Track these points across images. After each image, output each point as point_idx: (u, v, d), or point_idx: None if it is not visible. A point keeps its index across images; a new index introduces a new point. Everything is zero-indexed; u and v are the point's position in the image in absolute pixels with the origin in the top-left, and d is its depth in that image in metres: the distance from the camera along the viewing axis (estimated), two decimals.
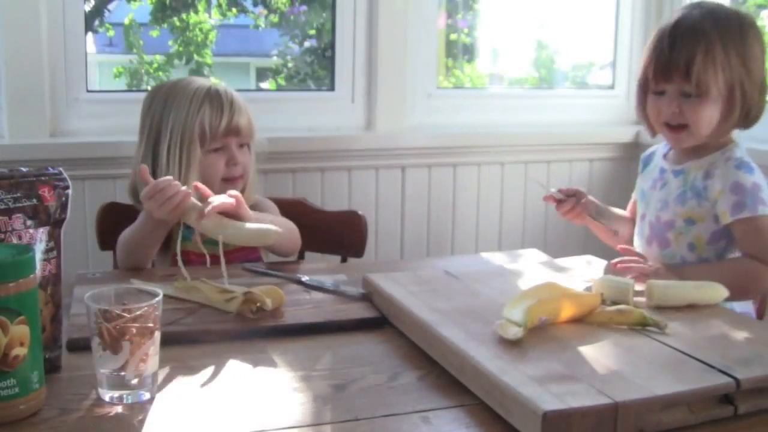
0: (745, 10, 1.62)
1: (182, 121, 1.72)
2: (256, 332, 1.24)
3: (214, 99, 1.74)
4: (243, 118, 1.76)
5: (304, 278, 1.50)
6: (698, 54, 1.49)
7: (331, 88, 2.55)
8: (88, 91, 2.26)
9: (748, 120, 1.55)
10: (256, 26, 2.93)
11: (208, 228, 1.43)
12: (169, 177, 1.51)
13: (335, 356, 1.16)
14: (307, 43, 2.88)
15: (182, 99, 1.74)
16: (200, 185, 1.54)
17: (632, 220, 1.78)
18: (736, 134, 1.63)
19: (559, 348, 1.08)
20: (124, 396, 0.99)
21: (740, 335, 1.16)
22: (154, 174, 1.73)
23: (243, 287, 1.34)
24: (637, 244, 1.70)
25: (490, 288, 1.36)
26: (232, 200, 1.50)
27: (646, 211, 1.69)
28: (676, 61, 1.51)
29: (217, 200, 1.47)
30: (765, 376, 0.99)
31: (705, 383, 0.97)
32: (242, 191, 1.77)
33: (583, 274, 1.47)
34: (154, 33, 2.86)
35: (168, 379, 1.06)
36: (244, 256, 1.78)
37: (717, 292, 1.32)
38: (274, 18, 2.91)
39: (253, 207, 1.82)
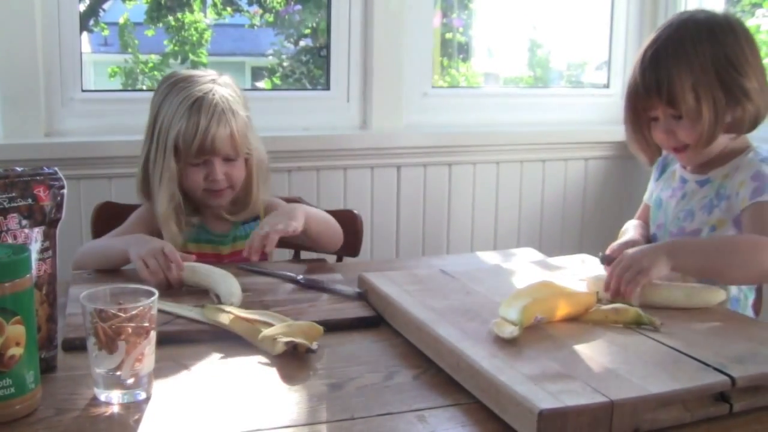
0: (721, 15, 1.58)
1: (166, 129, 1.65)
2: None
3: (193, 114, 1.63)
4: (223, 134, 1.65)
5: (300, 277, 1.50)
6: (663, 83, 1.50)
7: (327, 87, 2.55)
8: (83, 90, 2.26)
9: (756, 119, 1.53)
10: (252, 25, 2.93)
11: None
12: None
13: (331, 355, 1.16)
14: (302, 43, 2.88)
15: (173, 102, 1.66)
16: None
17: (646, 226, 1.76)
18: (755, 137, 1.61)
19: (555, 347, 1.09)
20: (120, 396, 0.99)
21: (735, 333, 1.17)
22: (148, 176, 1.71)
23: (278, 317, 1.23)
24: None
25: (485, 287, 1.36)
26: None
27: (664, 220, 1.67)
28: (649, 92, 1.53)
29: None
30: (760, 374, 0.99)
31: (700, 381, 0.97)
32: (245, 202, 1.76)
33: (578, 272, 1.47)
34: (150, 32, 2.86)
35: (164, 379, 1.05)
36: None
37: (713, 295, 1.33)
38: (270, 17, 2.91)
39: (266, 209, 1.81)
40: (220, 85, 1.70)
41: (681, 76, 1.49)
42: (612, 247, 1.59)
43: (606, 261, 1.45)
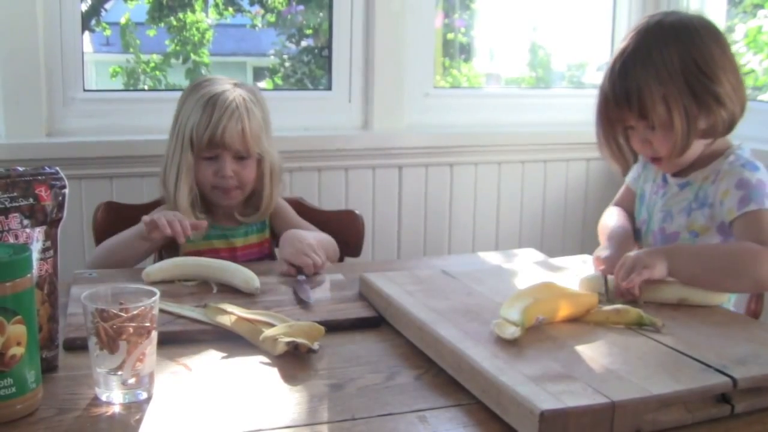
0: (688, 17, 1.54)
1: (184, 124, 1.73)
2: None
3: (208, 107, 1.70)
4: (235, 131, 1.70)
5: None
6: (633, 96, 1.48)
7: (328, 87, 2.55)
8: (84, 90, 2.26)
9: (731, 123, 1.51)
10: (253, 26, 2.93)
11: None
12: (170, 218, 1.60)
13: (332, 356, 1.16)
14: (304, 43, 2.88)
15: (192, 100, 1.73)
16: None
17: (630, 215, 1.75)
18: (740, 137, 1.60)
19: (556, 347, 1.09)
20: (122, 395, 0.99)
21: (737, 334, 1.16)
22: (165, 169, 1.76)
23: (279, 317, 1.23)
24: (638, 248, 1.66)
25: (486, 287, 1.36)
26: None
27: (647, 218, 1.67)
28: (620, 104, 1.51)
29: None
30: (762, 376, 0.99)
31: (702, 382, 0.97)
32: (256, 204, 1.80)
33: (579, 273, 1.47)
34: (151, 32, 2.86)
35: (165, 379, 1.06)
36: (259, 251, 1.82)
37: (716, 295, 1.33)
38: (271, 17, 2.91)
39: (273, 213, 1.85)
40: (240, 88, 1.76)
41: (650, 88, 1.46)
42: (607, 255, 1.51)
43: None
